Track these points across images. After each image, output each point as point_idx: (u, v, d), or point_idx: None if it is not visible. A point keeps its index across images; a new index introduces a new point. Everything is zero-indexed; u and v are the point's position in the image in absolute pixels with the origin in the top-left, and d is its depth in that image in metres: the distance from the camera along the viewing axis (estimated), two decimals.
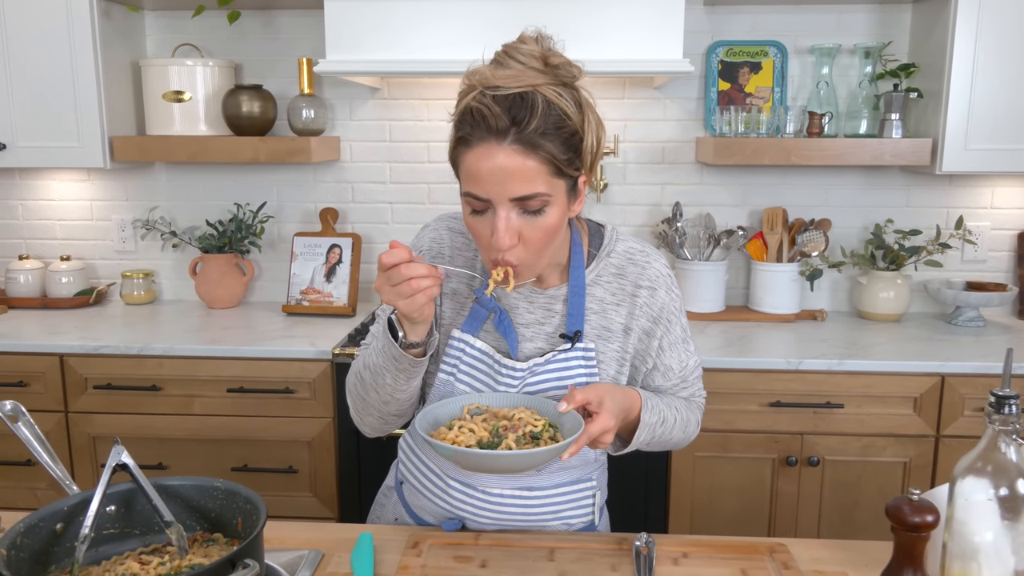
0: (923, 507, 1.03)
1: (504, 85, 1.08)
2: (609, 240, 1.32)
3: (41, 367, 2.37)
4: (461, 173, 1.14)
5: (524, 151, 1.07)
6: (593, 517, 1.37)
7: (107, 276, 2.96)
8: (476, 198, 1.11)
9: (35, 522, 1.04)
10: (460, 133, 1.12)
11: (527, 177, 1.08)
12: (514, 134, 1.07)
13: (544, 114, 1.08)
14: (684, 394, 1.36)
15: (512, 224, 1.11)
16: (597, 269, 1.29)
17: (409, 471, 1.38)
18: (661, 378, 1.33)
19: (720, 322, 2.63)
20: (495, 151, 1.07)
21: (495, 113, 1.07)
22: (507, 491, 1.28)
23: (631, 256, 1.31)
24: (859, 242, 2.77)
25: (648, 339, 1.31)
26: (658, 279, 1.30)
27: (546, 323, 1.28)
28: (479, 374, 1.27)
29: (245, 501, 1.10)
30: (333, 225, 2.79)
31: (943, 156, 2.38)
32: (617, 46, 2.26)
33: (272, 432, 2.35)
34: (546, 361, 1.26)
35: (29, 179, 2.91)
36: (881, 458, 2.24)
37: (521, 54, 1.13)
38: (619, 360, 1.30)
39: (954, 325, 2.60)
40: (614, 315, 1.29)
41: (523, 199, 1.09)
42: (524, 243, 1.13)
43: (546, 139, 1.08)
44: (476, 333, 1.28)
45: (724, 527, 2.30)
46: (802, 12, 2.66)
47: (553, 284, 1.29)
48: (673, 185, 2.78)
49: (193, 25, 2.77)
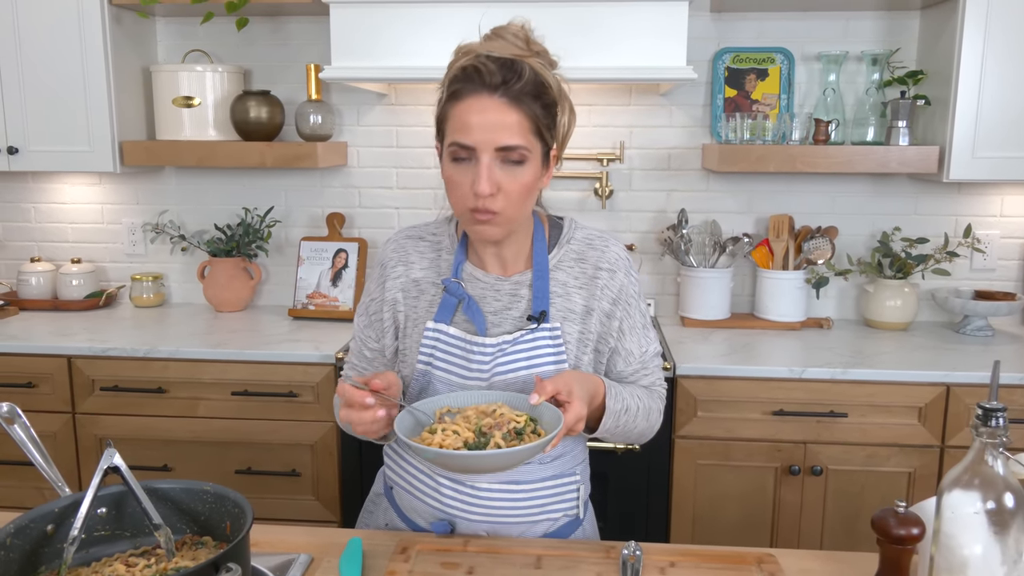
0: (909, 520, 1.02)
1: (498, 52, 1.22)
2: (569, 229, 1.40)
3: (49, 368, 2.39)
4: (449, 126, 1.23)
5: (511, 105, 1.20)
6: (578, 511, 1.40)
7: (117, 279, 2.99)
8: (463, 146, 1.20)
9: (25, 523, 1.05)
10: (452, 89, 1.22)
11: (512, 128, 1.20)
12: (504, 89, 1.19)
13: (531, 79, 1.21)
14: (645, 382, 1.40)
15: (494, 173, 1.21)
16: (559, 255, 1.37)
17: (398, 475, 1.40)
18: (623, 363, 1.38)
19: (725, 330, 2.62)
20: (486, 102, 1.19)
21: (490, 70, 1.19)
22: (495, 486, 1.32)
23: (590, 242, 1.38)
24: (866, 250, 2.75)
25: (608, 321, 1.36)
26: (617, 262, 1.37)
27: (512, 308, 1.34)
28: (453, 358, 1.32)
29: (233, 505, 1.11)
30: (340, 230, 2.81)
31: (950, 164, 2.37)
32: (621, 53, 2.26)
33: (276, 435, 2.36)
34: (514, 340, 1.31)
35: (42, 183, 2.95)
36: (885, 468, 2.23)
37: (509, 33, 1.26)
38: (582, 341, 1.35)
39: (962, 334, 2.58)
40: (576, 297, 1.35)
41: (506, 148, 1.20)
42: (503, 194, 1.22)
43: (531, 99, 1.21)
44: (448, 322, 1.34)
45: (726, 536, 2.29)
46: (809, 19, 2.65)
47: (517, 270, 1.36)
48: (679, 192, 2.78)
49: (203, 31, 2.80)
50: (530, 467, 1.33)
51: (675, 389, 2.23)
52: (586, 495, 1.44)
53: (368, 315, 1.42)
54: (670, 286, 2.84)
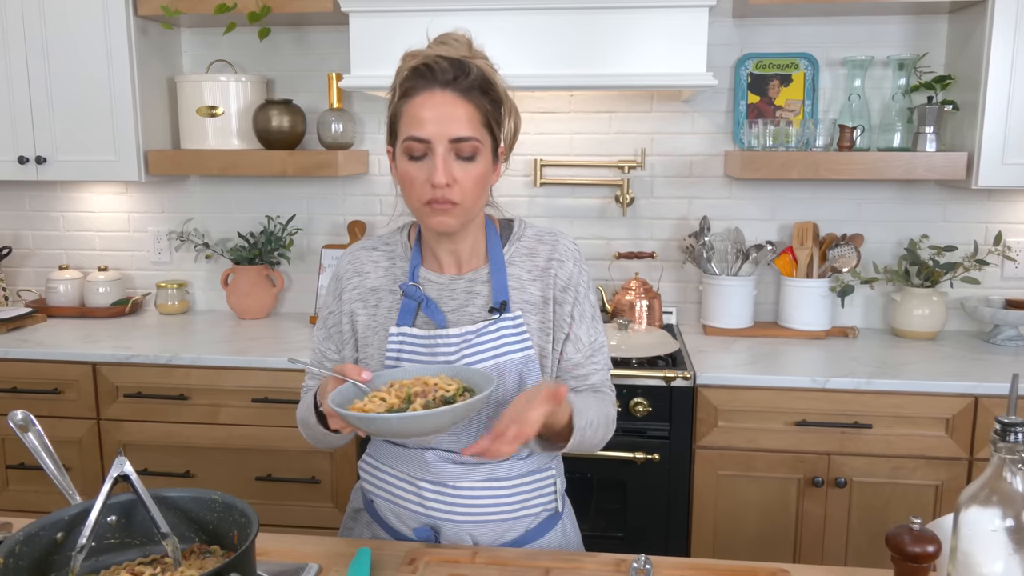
0: (924, 537, 0.99)
1: (446, 54, 1.28)
2: (519, 227, 1.44)
3: (75, 375, 2.43)
4: (402, 123, 1.27)
5: (462, 97, 1.25)
6: (557, 504, 1.43)
7: (143, 286, 3.03)
8: (418, 140, 1.24)
9: (35, 531, 1.06)
10: (405, 87, 1.27)
11: (463, 120, 1.25)
12: (455, 84, 1.25)
13: (479, 75, 1.27)
14: (595, 379, 1.41)
15: (449, 165, 1.25)
16: (511, 251, 1.40)
17: (377, 487, 1.42)
18: (572, 348, 1.39)
19: (748, 338, 2.59)
20: (438, 97, 1.24)
21: (442, 67, 1.25)
22: (476, 483, 1.34)
23: (540, 237, 1.42)
24: (893, 258, 2.70)
25: (560, 308, 1.39)
26: (567, 253, 1.40)
27: (469, 304, 1.37)
28: (420, 356, 1.34)
29: (240, 514, 1.11)
30: (360, 238, 2.82)
31: (979, 170, 2.32)
32: (641, 60, 2.25)
33: (295, 442, 2.37)
34: (478, 332, 1.33)
35: (70, 191, 3.00)
36: (911, 480, 2.18)
37: (452, 39, 1.32)
38: (542, 329, 1.37)
39: (992, 344, 2.52)
40: (532, 288, 1.38)
41: (459, 140, 1.24)
42: (459, 186, 1.26)
43: (479, 93, 1.27)
44: (411, 324, 1.36)
45: (747, 549, 2.26)
46: (834, 24, 2.61)
47: (472, 268, 1.39)
48: (701, 199, 2.75)
49: (227, 42, 2.83)
50: (508, 463, 1.35)
51: (696, 398, 2.21)
52: (563, 488, 1.47)
53: (327, 328, 1.44)
54: (692, 294, 2.81)
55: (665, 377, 2.20)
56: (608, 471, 2.24)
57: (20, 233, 3.05)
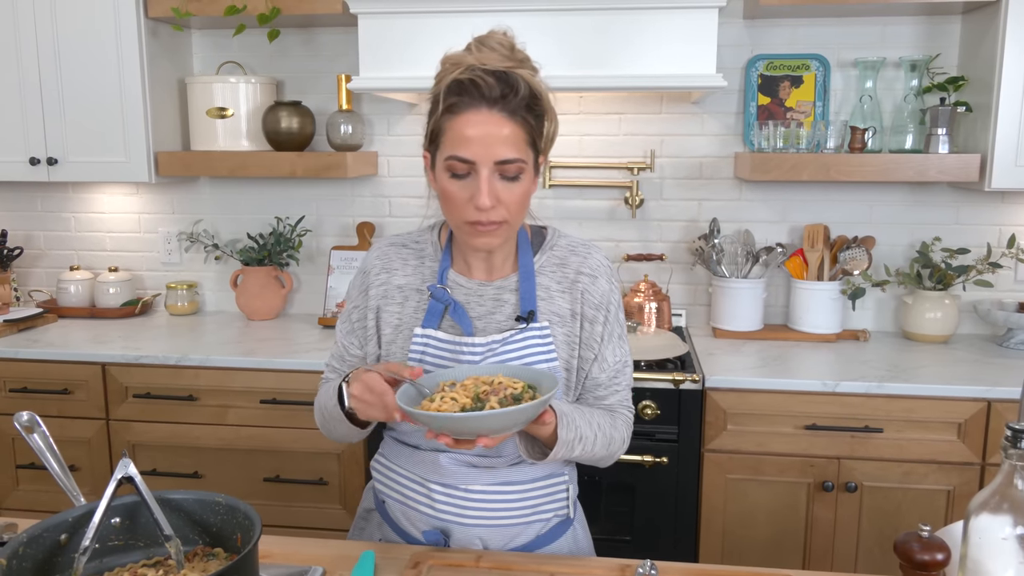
0: (933, 544, 0.98)
1: (490, 63, 1.22)
2: (552, 236, 1.42)
3: (84, 375, 2.44)
4: (445, 139, 1.24)
5: (509, 118, 1.21)
6: (568, 510, 1.41)
7: (153, 287, 3.04)
8: (462, 160, 1.21)
9: (39, 532, 1.06)
10: (449, 102, 1.22)
11: (510, 142, 1.21)
12: (502, 103, 1.21)
13: (525, 92, 1.22)
14: (612, 399, 1.39)
15: (493, 186, 1.22)
16: (542, 260, 1.38)
17: (389, 487, 1.40)
18: (597, 368, 1.38)
19: (757, 341, 2.57)
20: (485, 116, 1.20)
21: (488, 84, 1.20)
22: (488, 487, 1.32)
23: (573, 248, 1.40)
24: (905, 260, 2.68)
25: (591, 327, 1.37)
26: (599, 268, 1.38)
27: (496, 312, 1.36)
28: (444, 361, 1.33)
29: (244, 517, 1.10)
30: (370, 239, 2.82)
31: (992, 172, 2.30)
32: (650, 61, 2.24)
33: (303, 444, 2.37)
34: (504, 340, 1.32)
35: (81, 192, 3.01)
36: (923, 485, 2.16)
37: (494, 42, 1.26)
38: (570, 343, 1.36)
39: (1005, 348, 2.49)
40: (560, 301, 1.36)
41: (505, 162, 1.21)
42: (503, 205, 1.24)
43: (525, 111, 1.23)
44: (436, 327, 1.35)
45: (756, 553, 2.24)
46: (846, 24, 2.59)
47: (502, 275, 1.37)
48: (711, 201, 2.74)
49: (237, 43, 2.83)
50: (521, 467, 1.34)
51: (704, 401, 2.19)
52: (575, 495, 1.45)
53: (351, 322, 1.43)
54: (701, 296, 2.80)
55: (674, 380, 2.19)
56: (616, 474, 2.23)
57: (32, 234, 3.06)
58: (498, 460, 1.33)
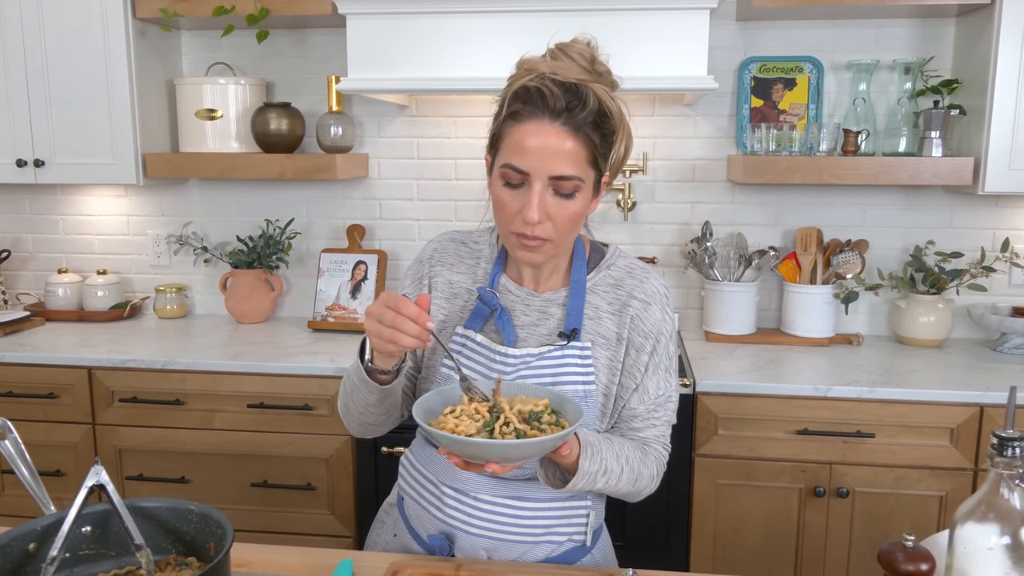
0: (918, 554, 0.96)
1: (562, 74, 1.17)
2: (611, 255, 1.37)
3: (71, 379, 2.41)
4: (504, 146, 1.20)
5: (571, 133, 1.16)
6: (585, 537, 1.34)
7: (142, 290, 3.02)
8: (517, 170, 1.18)
9: (6, 542, 1.04)
10: (513, 109, 1.19)
11: (568, 158, 1.16)
12: (566, 117, 1.16)
13: (594, 107, 1.17)
14: (648, 433, 1.32)
15: (544, 201, 1.18)
16: (596, 278, 1.34)
17: (409, 484, 1.38)
18: (637, 400, 1.32)
19: (750, 345, 2.55)
20: (546, 128, 1.16)
21: (555, 95, 1.15)
22: (499, 499, 1.28)
23: (631, 271, 1.35)
24: (898, 264, 2.66)
25: (637, 355, 1.31)
26: (654, 295, 1.33)
27: (540, 325, 1.32)
28: (477, 365, 1.30)
29: (216, 525, 1.08)
30: (360, 242, 2.80)
31: (986, 176, 2.28)
32: (641, 63, 2.22)
33: (291, 449, 2.35)
34: (540, 355, 1.28)
35: (69, 195, 2.99)
36: (915, 491, 2.14)
37: (574, 51, 1.21)
38: (611, 368, 1.31)
39: (999, 352, 2.47)
40: (608, 323, 1.31)
41: (560, 179, 1.17)
42: (552, 222, 1.20)
43: (591, 128, 1.17)
44: (478, 329, 1.32)
45: (748, 559, 2.22)
46: (839, 27, 2.58)
47: (551, 288, 1.34)
48: (703, 204, 2.72)
49: (227, 45, 2.81)
50: (537, 483, 1.27)
51: (695, 406, 2.17)
52: (597, 523, 1.38)
53: None
54: (694, 300, 2.77)
55: None
56: None
57: (20, 236, 3.04)
58: (514, 472, 1.27)
